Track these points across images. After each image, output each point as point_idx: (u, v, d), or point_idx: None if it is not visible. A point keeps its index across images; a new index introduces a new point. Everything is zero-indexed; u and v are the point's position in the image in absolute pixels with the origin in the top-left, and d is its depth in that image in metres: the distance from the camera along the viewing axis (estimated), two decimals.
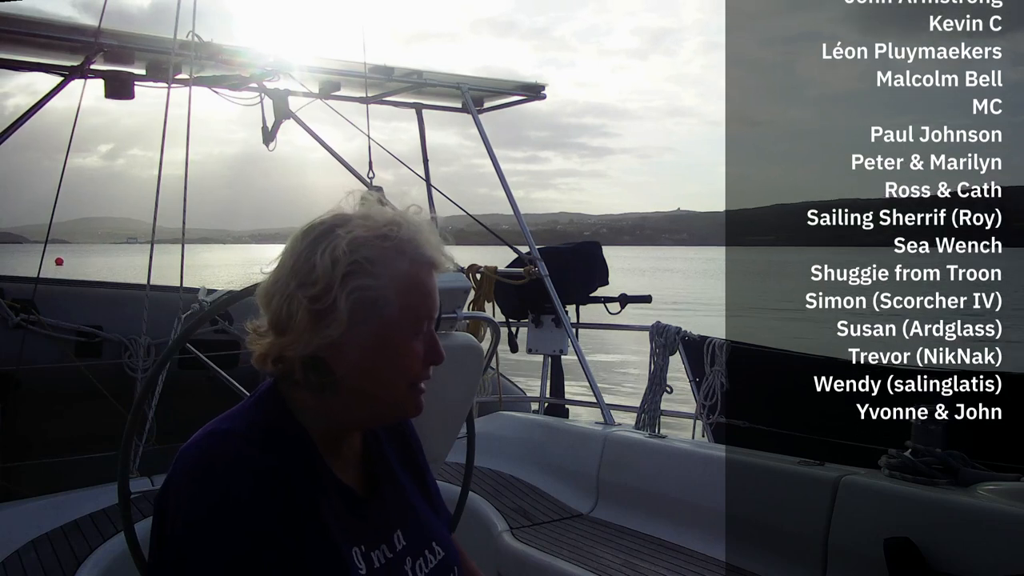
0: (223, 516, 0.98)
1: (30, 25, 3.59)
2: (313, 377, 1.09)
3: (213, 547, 0.97)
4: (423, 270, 1.12)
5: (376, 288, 1.07)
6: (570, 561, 2.70)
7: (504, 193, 4.98)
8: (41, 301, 4.50)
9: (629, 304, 5.27)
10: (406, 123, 5.33)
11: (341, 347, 1.07)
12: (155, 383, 2.98)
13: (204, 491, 1.00)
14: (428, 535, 1.23)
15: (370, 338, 1.08)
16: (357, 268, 1.07)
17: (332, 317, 1.06)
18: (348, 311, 1.06)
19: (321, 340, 1.06)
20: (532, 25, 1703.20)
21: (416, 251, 1.11)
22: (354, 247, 1.08)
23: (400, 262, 1.09)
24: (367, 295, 1.07)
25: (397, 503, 1.21)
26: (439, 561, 1.22)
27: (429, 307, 1.13)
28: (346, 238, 1.08)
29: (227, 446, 1.04)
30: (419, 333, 1.12)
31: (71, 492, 3.01)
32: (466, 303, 2.29)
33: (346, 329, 1.06)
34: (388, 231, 1.10)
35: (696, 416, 4.50)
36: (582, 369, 4.46)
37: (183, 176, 3.60)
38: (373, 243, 1.09)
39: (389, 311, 1.08)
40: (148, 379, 2.60)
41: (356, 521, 1.12)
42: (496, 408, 4.61)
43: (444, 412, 2.35)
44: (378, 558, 1.12)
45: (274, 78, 4.30)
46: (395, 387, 1.12)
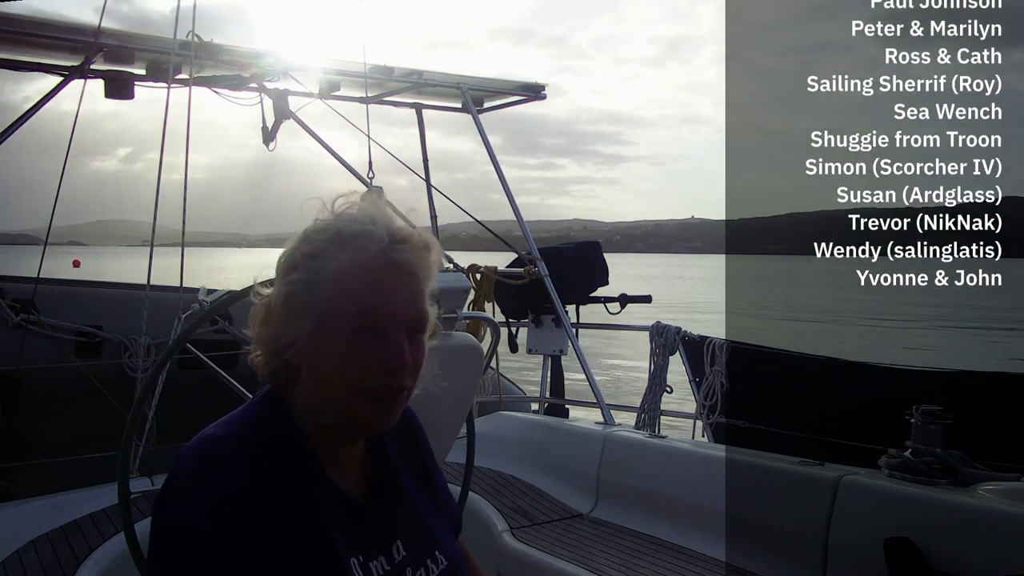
0: (220, 516, 0.97)
1: (30, 25, 3.59)
2: (282, 377, 1.09)
3: (210, 547, 0.97)
4: (371, 264, 1.06)
5: (311, 281, 1.06)
6: (570, 561, 2.70)
7: (507, 194, 4.99)
8: (41, 301, 4.50)
9: (629, 304, 5.28)
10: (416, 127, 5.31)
11: (291, 341, 1.07)
12: (155, 383, 2.98)
13: (201, 492, 1.00)
14: (432, 544, 1.20)
15: (311, 331, 1.06)
16: (297, 263, 1.07)
17: (271, 311, 1.08)
18: (281, 304, 1.07)
19: (268, 335, 1.08)
20: (549, 33, 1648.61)
21: (366, 245, 1.06)
22: (299, 244, 1.09)
23: (343, 254, 1.06)
24: (300, 288, 1.06)
25: (400, 512, 1.18)
26: (441, 571, 1.19)
27: (378, 303, 1.05)
28: (297, 238, 1.10)
29: (224, 448, 1.04)
30: (365, 329, 1.05)
31: (71, 492, 3.00)
32: (466, 303, 2.29)
33: (282, 322, 1.07)
34: (332, 225, 1.08)
35: (696, 416, 4.50)
36: (582, 369, 4.45)
37: (201, 180, 3.60)
38: (313, 236, 1.08)
39: (325, 303, 1.05)
40: (148, 379, 2.60)
41: (355, 530, 1.10)
42: (496, 408, 4.61)
43: (444, 412, 2.35)
44: (376, 569, 1.10)
45: (274, 78, 4.30)
46: (337, 388, 1.06)
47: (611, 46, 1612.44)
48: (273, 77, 4.28)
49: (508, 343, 5.03)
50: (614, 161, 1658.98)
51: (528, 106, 5.43)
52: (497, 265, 4.87)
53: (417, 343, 1.10)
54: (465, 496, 2.48)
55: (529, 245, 4.80)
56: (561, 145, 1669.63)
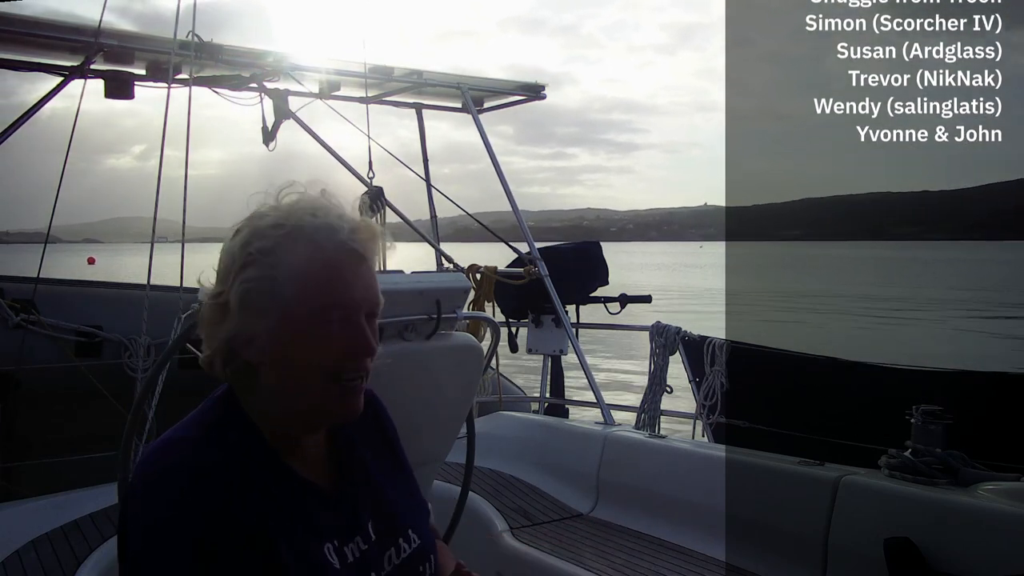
0: (175, 517, 0.98)
1: (30, 25, 3.59)
2: (240, 375, 1.09)
3: (166, 547, 0.98)
4: (332, 256, 1.08)
5: (270, 278, 1.06)
6: (570, 561, 2.70)
7: (507, 194, 4.99)
8: (41, 301, 4.50)
9: (629, 304, 5.28)
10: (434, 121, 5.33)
11: (250, 339, 1.07)
12: (155, 383, 2.97)
13: (155, 496, 1.01)
14: (403, 524, 1.22)
15: (272, 329, 1.06)
16: (250, 260, 1.07)
17: (226, 310, 1.07)
18: (238, 303, 1.06)
19: (223, 334, 1.07)
20: (560, 22, 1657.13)
21: (325, 237, 1.08)
22: (249, 240, 1.08)
23: (298, 249, 1.07)
24: (259, 286, 1.06)
25: (369, 494, 1.20)
26: (414, 549, 1.21)
27: (341, 294, 1.07)
28: (245, 232, 1.09)
29: (175, 451, 1.05)
30: (329, 322, 1.07)
31: (71, 492, 3.00)
32: (466, 303, 2.29)
33: (241, 321, 1.06)
34: (285, 219, 1.09)
35: (696, 416, 4.50)
36: (582, 369, 4.45)
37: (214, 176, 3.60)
38: (267, 233, 1.08)
39: (287, 300, 1.06)
40: (148, 379, 2.60)
41: (325, 517, 1.11)
42: (496, 408, 4.61)
43: (444, 412, 2.35)
44: (352, 551, 1.12)
45: (274, 78, 4.30)
46: (308, 381, 1.08)
47: (623, 34, 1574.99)
48: (273, 77, 4.29)
49: (508, 343, 5.03)
50: (626, 149, 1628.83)
51: None
52: (496, 264, 4.87)
53: (373, 327, 1.13)
54: (465, 496, 2.48)
55: (529, 245, 4.80)
56: (573, 134, 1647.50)
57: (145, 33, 3.96)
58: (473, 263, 4.86)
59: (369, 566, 1.14)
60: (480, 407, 4.36)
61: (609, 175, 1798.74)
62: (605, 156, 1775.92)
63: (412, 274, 2.20)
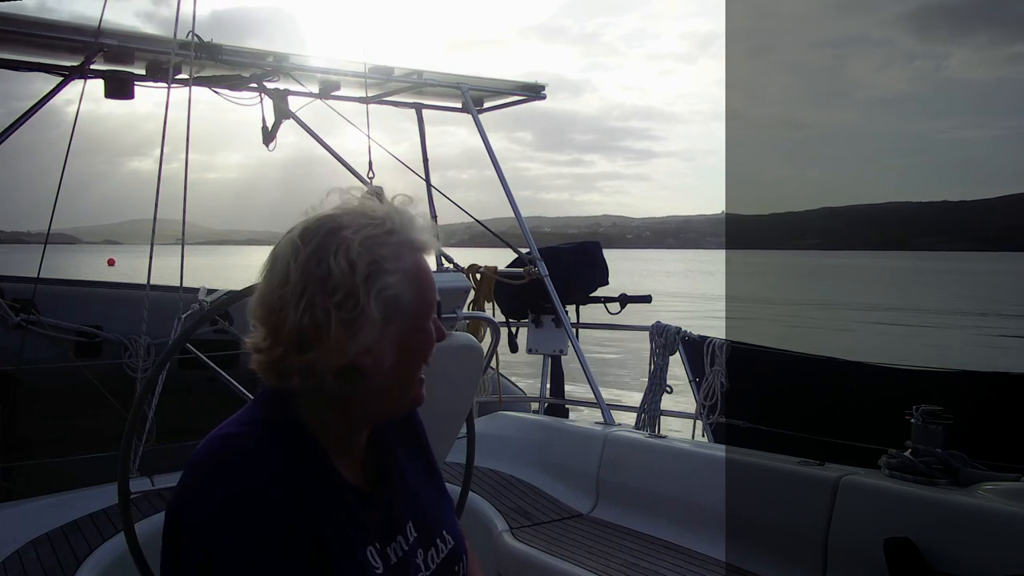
0: (242, 510, 0.98)
1: (30, 25, 3.58)
2: (348, 385, 1.07)
3: (237, 540, 0.97)
4: (425, 259, 1.14)
5: (396, 285, 1.07)
6: (570, 561, 2.70)
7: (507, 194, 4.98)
8: (41, 301, 4.49)
9: (629, 304, 5.28)
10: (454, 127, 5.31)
11: (375, 350, 1.06)
12: (155, 383, 2.97)
13: (220, 489, 1.00)
14: (439, 525, 1.24)
15: (401, 335, 1.09)
16: (377, 268, 1.05)
17: (364, 321, 1.04)
18: (380, 313, 1.05)
19: (357, 347, 1.04)
20: (580, 30, 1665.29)
21: (416, 240, 1.12)
22: (368, 246, 1.05)
23: (408, 254, 1.10)
24: (391, 293, 1.06)
25: (405, 495, 1.21)
26: (449, 550, 1.23)
27: (433, 292, 1.15)
28: (356, 238, 1.05)
29: (237, 445, 1.05)
30: (429, 319, 1.14)
31: (71, 492, 3.00)
32: (466, 303, 2.29)
33: (382, 328, 1.06)
34: (392, 225, 1.09)
35: (696, 416, 4.50)
36: (582, 369, 4.45)
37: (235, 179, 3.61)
38: (383, 239, 1.07)
39: (411, 305, 1.09)
40: (148, 379, 2.60)
41: (367, 519, 1.12)
42: (496, 408, 4.61)
43: (444, 412, 2.35)
44: (394, 552, 1.13)
45: (274, 78, 4.30)
46: (412, 376, 1.14)
47: (642, 42, 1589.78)
48: (273, 77, 4.28)
49: (508, 343, 5.03)
50: (644, 157, 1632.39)
51: (559, 103, 5.53)
52: (496, 264, 4.87)
53: None
54: (465, 496, 2.48)
55: (529, 245, 4.80)
56: (591, 141, 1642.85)
57: (145, 33, 3.96)
58: (473, 263, 4.86)
59: (410, 567, 1.15)
60: (480, 407, 4.36)
61: (626, 182, 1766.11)
62: (623, 163, 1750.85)
63: None
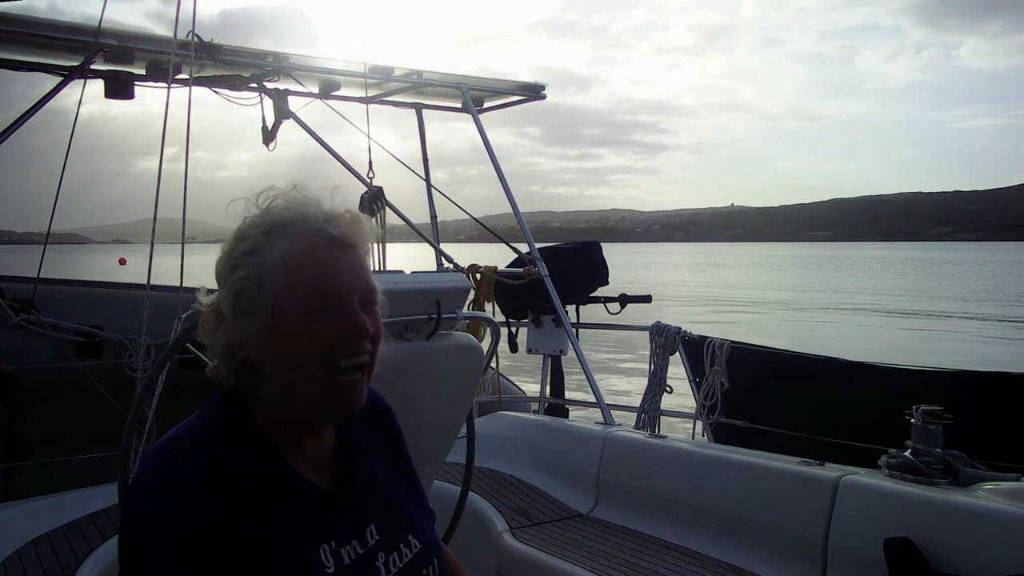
0: (174, 513, 0.99)
1: (30, 25, 3.58)
2: (243, 379, 1.10)
3: (166, 542, 0.98)
4: (309, 245, 1.09)
5: (257, 276, 1.08)
6: (570, 561, 2.70)
7: (507, 194, 4.99)
8: (41, 301, 4.50)
9: (629, 304, 5.28)
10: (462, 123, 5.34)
11: (246, 340, 1.08)
12: (155, 383, 2.97)
13: (156, 495, 1.02)
14: (405, 528, 1.22)
15: (266, 325, 1.08)
16: (237, 262, 1.09)
17: (221, 316, 1.10)
18: (230, 306, 1.08)
19: (222, 338, 1.09)
20: (588, 24, 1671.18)
21: (300, 228, 1.10)
22: (232, 246, 1.11)
23: (278, 243, 1.09)
24: (247, 285, 1.08)
25: (373, 497, 1.21)
26: (415, 554, 1.21)
27: (325, 280, 1.09)
28: (230, 238, 1.11)
29: (177, 450, 1.06)
30: (319, 310, 1.08)
31: (71, 492, 3.00)
32: (466, 303, 2.29)
33: (235, 322, 1.08)
34: (263, 218, 1.12)
35: (696, 416, 4.50)
36: (582, 369, 4.46)
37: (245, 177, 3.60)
38: (247, 235, 1.11)
39: (275, 295, 1.08)
40: (148, 379, 2.60)
41: (324, 518, 1.12)
42: (496, 408, 4.61)
43: (444, 412, 2.35)
44: (348, 554, 1.12)
45: (274, 78, 4.30)
46: (306, 374, 1.08)
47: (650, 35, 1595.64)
48: (273, 77, 4.28)
49: (508, 343, 5.03)
50: (654, 150, 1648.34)
51: (568, 97, 5.57)
52: (496, 264, 4.87)
53: (372, 314, 1.13)
54: (465, 496, 2.48)
55: (529, 245, 4.80)
56: (600, 135, 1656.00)
57: (145, 32, 3.96)
58: (473, 263, 4.86)
59: (368, 569, 1.14)
60: (480, 407, 4.36)
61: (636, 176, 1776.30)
62: (632, 157, 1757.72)
63: (412, 274, 2.20)
